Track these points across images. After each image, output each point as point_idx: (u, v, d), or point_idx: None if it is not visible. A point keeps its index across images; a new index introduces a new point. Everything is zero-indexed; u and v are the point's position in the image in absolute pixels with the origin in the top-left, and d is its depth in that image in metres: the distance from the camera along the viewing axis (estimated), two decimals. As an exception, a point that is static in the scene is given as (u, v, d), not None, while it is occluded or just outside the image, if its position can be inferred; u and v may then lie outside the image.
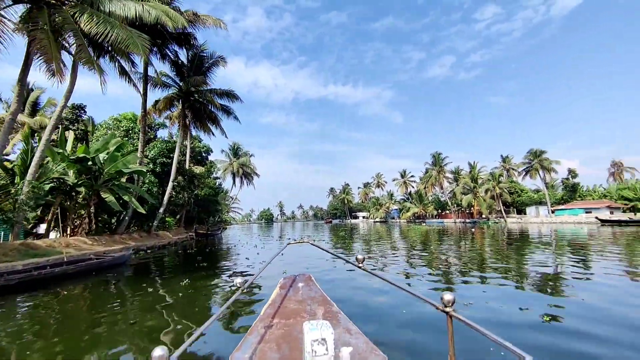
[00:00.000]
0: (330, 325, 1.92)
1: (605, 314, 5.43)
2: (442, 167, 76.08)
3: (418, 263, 11.64)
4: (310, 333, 1.80)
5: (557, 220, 55.16)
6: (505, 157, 69.03)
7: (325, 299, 3.09)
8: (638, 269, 9.54)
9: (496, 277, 8.57)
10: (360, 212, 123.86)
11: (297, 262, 12.12)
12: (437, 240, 22.05)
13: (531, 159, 58.86)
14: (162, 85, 24.31)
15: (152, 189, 20.70)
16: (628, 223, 43.30)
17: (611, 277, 8.26)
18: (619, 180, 64.91)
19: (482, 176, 67.88)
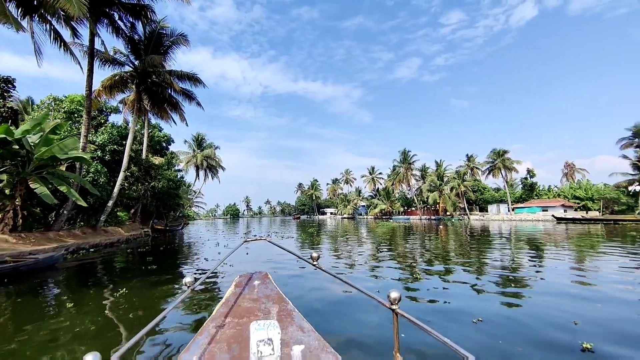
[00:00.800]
0: (279, 324, 1.98)
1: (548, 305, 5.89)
2: (410, 165, 77.01)
3: (384, 258, 12.10)
4: (256, 333, 1.79)
5: (517, 218, 57.45)
6: (469, 156, 71.03)
7: (281, 297, 3.01)
8: (583, 264, 10.54)
9: (458, 271, 9.19)
10: (328, 208, 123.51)
11: (259, 260, 11.73)
12: (404, 236, 22.75)
13: (494, 158, 60.78)
14: (113, 63, 21.51)
15: (98, 179, 18.13)
16: (581, 221, 45.71)
17: (559, 272, 9.04)
18: (571, 180, 68.96)
19: (447, 174, 69.40)
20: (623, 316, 5.28)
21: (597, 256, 11.90)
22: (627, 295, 6.52)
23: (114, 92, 22.73)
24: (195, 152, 59.12)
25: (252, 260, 11.79)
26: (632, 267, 9.50)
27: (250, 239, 3.90)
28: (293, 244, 18.66)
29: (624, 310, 5.59)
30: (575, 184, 63.74)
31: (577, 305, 5.87)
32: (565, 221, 46.52)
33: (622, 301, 6.11)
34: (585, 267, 9.89)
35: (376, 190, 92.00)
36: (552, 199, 61.38)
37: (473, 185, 67.10)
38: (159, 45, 22.24)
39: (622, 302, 6.02)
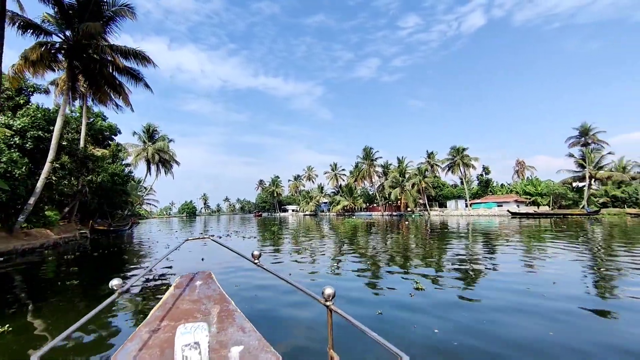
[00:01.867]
0: (219, 325, 2.10)
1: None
2: (372, 161, 77.18)
3: (347, 252, 12.67)
4: (182, 337, 1.72)
5: (474, 213, 59.42)
6: (430, 153, 72.53)
7: (223, 297, 2.86)
8: (531, 255, 11.40)
9: (418, 264, 9.78)
10: (289, 205, 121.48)
11: (213, 261, 10.92)
12: (367, 233, 23.18)
13: (454, 155, 62.36)
14: (37, 31, 17.84)
15: (13, 171, 14.70)
16: (533, 216, 48.02)
17: (509, 264, 9.59)
18: (522, 177, 72.97)
19: (409, 171, 70.32)
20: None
21: (546, 248, 13.03)
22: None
23: (41, 69, 18.96)
24: (146, 144, 54.15)
25: (205, 260, 11.06)
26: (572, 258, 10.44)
27: (192, 238, 3.74)
28: (255, 245, 16.69)
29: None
30: (526, 181, 67.37)
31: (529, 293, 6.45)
32: (520, 216, 48.61)
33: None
34: (534, 259, 10.58)
35: (339, 186, 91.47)
36: (506, 194, 64.31)
37: (433, 181, 68.56)
38: (97, 15, 18.83)
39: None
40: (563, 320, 4.91)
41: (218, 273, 9.25)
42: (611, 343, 4.15)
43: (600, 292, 6.54)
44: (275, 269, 2.99)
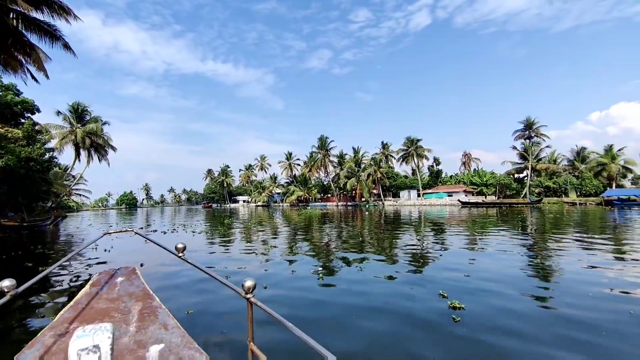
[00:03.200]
0: (139, 324, 2.01)
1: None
2: (327, 151, 75.84)
3: (301, 245, 12.39)
4: (77, 342, 1.55)
5: (427, 203, 61.05)
6: (384, 143, 73.12)
7: (147, 293, 2.68)
8: (475, 242, 12.13)
9: (371, 253, 10.11)
10: (240, 196, 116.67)
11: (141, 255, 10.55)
12: (322, 223, 23.03)
13: (408, 145, 63.29)
14: None
15: None
16: (482, 205, 50.26)
17: (456, 251, 10.36)
18: (468, 168, 76.76)
19: (364, 161, 70.30)
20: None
21: (489, 235, 14.24)
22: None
23: None
24: (73, 126, 47.00)
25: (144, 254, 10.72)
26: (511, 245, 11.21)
27: (112, 231, 3.49)
28: (204, 241, 14.37)
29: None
30: (472, 172, 70.86)
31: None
32: (470, 205, 50.61)
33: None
34: (478, 245, 11.56)
35: (293, 176, 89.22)
36: (455, 185, 67.04)
37: (387, 171, 69.28)
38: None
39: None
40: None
41: (150, 268, 8.39)
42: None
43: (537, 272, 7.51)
44: (200, 262, 2.69)
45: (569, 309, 5.05)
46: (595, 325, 4.47)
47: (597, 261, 8.38)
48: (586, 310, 4.98)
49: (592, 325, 4.46)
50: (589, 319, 4.68)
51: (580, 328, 4.39)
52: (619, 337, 4.13)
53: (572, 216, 24.83)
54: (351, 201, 75.45)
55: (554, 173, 57.21)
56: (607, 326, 4.42)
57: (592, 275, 7.05)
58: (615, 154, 50.46)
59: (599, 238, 12.47)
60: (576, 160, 59.59)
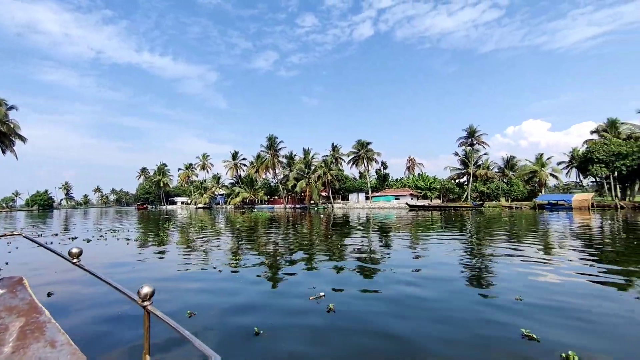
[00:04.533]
0: (20, 342, 1.86)
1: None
2: (276, 152, 73.12)
3: (245, 249, 11.94)
4: None
5: (376, 206, 61.58)
6: (335, 146, 72.64)
7: (34, 307, 2.38)
8: (417, 244, 12.65)
9: (321, 256, 10.00)
10: (179, 197, 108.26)
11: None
12: (270, 226, 22.01)
13: (359, 148, 63.34)
14: None
15: None
16: (428, 208, 51.77)
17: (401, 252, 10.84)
18: (412, 172, 79.55)
19: (314, 163, 69.05)
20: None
21: (433, 237, 14.95)
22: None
23: None
24: (-33, 110, 38.45)
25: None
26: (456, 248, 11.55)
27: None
28: (132, 250, 11.57)
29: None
30: (417, 176, 73.47)
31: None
32: (417, 208, 51.84)
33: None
34: (422, 247, 11.99)
35: (238, 177, 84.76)
36: (401, 188, 68.81)
37: (338, 174, 68.79)
38: None
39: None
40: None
41: (42, 277, 7.48)
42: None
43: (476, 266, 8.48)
44: (96, 269, 2.04)
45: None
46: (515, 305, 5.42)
47: (528, 254, 9.96)
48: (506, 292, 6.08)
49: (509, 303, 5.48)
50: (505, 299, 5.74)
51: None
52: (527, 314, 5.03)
53: (510, 218, 27.46)
54: (300, 203, 73.65)
55: (488, 179, 61.36)
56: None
57: (521, 265, 8.51)
58: (544, 162, 55.56)
59: (529, 235, 15.10)
60: (506, 167, 64.70)
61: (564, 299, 5.68)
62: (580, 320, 4.77)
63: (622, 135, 46.63)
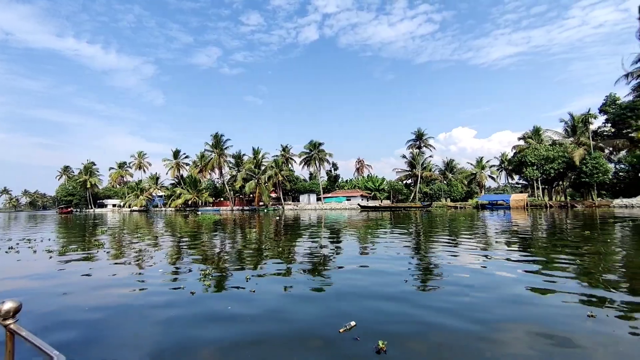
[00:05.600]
0: None
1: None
2: (223, 150, 69.20)
3: (186, 256, 10.66)
4: None
5: (327, 207, 61.11)
6: (285, 146, 70.92)
7: None
8: (367, 245, 12.58)
9: (274, 261, 9.19)
10: (109, 199, 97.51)
11: None
12: (214, 230, 20.19)
13: (311, 149, 62.44)
14: None
15: None
16: (380, 209, 52.56)
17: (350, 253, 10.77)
18: (362, 174, 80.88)
19: (264, 163, 66.68)
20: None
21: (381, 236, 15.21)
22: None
23: None
24: None
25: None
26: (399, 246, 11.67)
27: None
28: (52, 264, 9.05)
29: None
30: (366, 178, 74.75)
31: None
32: (369, 209, 52.31)
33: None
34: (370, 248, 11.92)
35: (180, 177, 78.75)
36: (352, 189, 69.36)
37: (289, 175, 67.15)
38: None
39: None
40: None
41: None
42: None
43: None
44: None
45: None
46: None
47: (470, 247, 11.00)
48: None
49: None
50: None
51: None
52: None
53: (455, 216, 30.16)
54: (248, 205, 70.59)
55: (430, 180, 64.55)
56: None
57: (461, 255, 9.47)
58: (484, 165, 59.86)
59: (469, 231, 16.70)
60: (446, 170, 68.84)
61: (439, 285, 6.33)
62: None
63: (544, 141, 52.03)
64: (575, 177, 44.60)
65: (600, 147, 45.54)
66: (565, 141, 49.53)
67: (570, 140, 49.56)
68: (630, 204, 38.89)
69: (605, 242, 11.49)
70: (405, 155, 62.84)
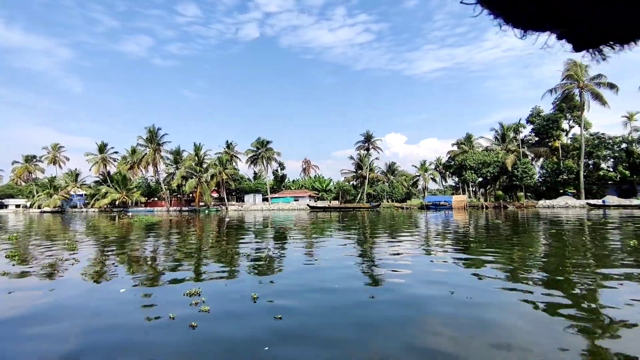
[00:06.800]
0: None
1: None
2: (159, 145, 62.92)
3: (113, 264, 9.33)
4: None
5: (275, 208, 59.04)
6: (229, 143, 67.17)
7: None
8: (313, 246, 12.77)
9: (213, 266, 8.84)
10: (12, 198, 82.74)
11: None
12: (144, 235, 18.16)
13: (259, 147, 59.89)
14: None
15: None
16: (329, 209, 52.26)
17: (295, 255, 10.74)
18: (308, 174, 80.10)
19: (207, 160, 62.27)
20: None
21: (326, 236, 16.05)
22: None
23: None
24: None
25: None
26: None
27: None
28: None
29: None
30: (313, 178, 74.15)
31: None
32: (319, 209, 51.63)
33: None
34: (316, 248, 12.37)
35: (107, 174, 69.80)
36: (300, 190, 68.19)
37: (233, 173, 63.50)
38: None
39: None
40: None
41: None
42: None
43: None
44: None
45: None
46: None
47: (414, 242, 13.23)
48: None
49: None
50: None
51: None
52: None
53: (403, 216, 32.93)
54: (187, 205, 65.25)
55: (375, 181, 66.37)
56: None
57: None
58: (427, 167, 63.09)
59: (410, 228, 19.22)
60: (388, 172, 71.50)
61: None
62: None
63: (474, 147, 56.87)
64: (507, 180, 49.13)
65: (525, 154, 50.78)
66: (496, 148, 54.42)
67: (500, 147, 54.62)
68: (552, 204, 44.02)
69: (532, 236, 14.99)
70: (352, 157, 63.78)
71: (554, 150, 49.61)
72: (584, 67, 41.43)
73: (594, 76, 41.80)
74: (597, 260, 8.90)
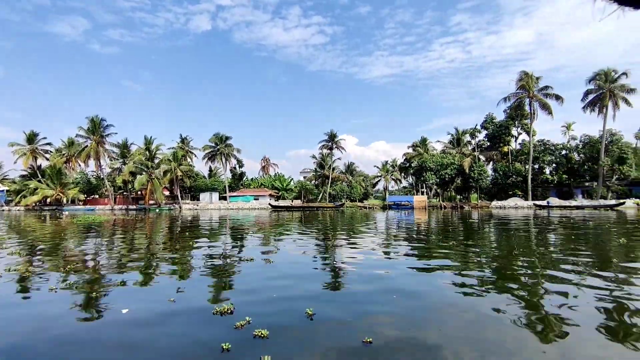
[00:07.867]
0: None
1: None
2: (102, 137, 56.69)
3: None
4: None
5: (234, 207, 56.22)
6: (184, 138, 62.81)
7: None
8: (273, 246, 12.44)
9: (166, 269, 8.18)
10: None
11: None
12: (81, 237, 15.78)
13: (217, 142, 56.61)
14: None
15: None
16: (292, 209, 50.91)
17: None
18: (268, 173, 77.79)
19: (159, 155, 57.58)
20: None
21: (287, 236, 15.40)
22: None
23: None
24: None
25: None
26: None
27: None
28: None
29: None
30: (273, 177, 72.08)
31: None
32: (281, 209, 50.03)
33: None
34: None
35: (37, 168, 61.55)
36: (259, 188, 65.79)
37: (188, 170, 59.38)
38: None
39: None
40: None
41: None
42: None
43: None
44: None
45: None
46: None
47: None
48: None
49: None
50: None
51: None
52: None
53: (366, 215, 34.35)
54: (135, 204, 59.80)
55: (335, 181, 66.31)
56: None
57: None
58: (388, 168, 64.12)
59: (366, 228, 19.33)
60: (347, 172, 71.92)
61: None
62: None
63: (429, 150, 59.25)
64: (462, 182, 51.49)
65: (478, 158, 53.72)
66: (451, 151, 56.93)
67: (455, 150, 57.24)
68: (503, 205, 46.92)
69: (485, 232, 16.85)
70: (315, 156, 62.85)
71: (504, 154, 53.05)
72: (534, 78, 44.79)
73: (542, 87, 45.37)
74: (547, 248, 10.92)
